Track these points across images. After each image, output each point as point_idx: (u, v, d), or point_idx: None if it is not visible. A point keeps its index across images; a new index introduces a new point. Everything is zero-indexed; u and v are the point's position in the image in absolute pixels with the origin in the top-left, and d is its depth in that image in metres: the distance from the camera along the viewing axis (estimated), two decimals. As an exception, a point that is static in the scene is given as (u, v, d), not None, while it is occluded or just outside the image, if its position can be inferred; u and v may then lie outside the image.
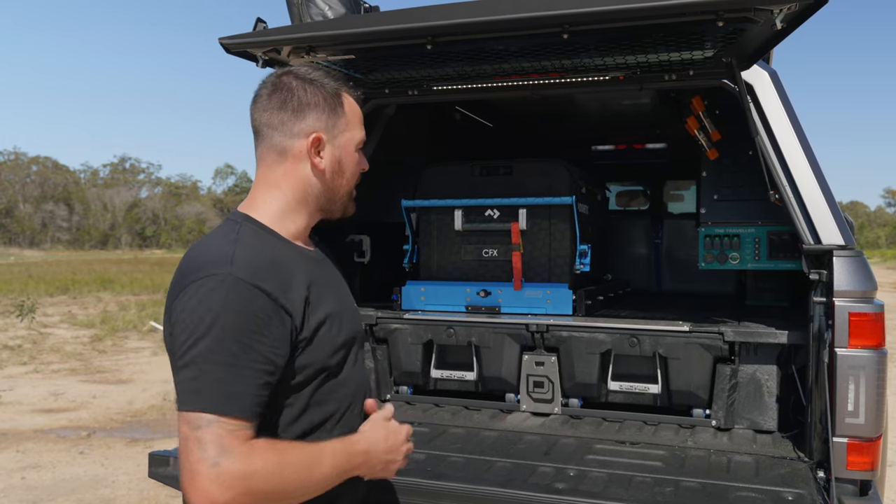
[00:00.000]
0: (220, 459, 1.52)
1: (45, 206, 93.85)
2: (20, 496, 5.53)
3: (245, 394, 1.58)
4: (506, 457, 3.05)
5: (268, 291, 1.65)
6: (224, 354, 1.58)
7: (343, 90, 1.91)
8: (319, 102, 1.85)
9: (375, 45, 2.96)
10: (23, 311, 16.33)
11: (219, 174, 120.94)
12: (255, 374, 1.60)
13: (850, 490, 2.76)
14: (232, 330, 1.59)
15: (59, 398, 8.94)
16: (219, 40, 2.98)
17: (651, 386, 3.51)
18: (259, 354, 1.61)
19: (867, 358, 2.74)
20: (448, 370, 3.83)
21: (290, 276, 1.73)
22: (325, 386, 1.80)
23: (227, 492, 1.51)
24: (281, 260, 1.76)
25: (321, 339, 1.76)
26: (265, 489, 1.56)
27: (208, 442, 1.53)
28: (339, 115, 1.87)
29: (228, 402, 1.56)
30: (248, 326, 1.60)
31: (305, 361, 1.73)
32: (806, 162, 3.01)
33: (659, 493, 2.64)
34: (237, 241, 1.74)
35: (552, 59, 3.13)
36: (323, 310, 1.78)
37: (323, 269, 1.94)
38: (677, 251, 5.62)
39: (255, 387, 1.60)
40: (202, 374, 1.57)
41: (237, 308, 1.61)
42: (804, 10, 2.40)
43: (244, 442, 1.56)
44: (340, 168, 1.90)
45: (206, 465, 1.51)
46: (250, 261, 1.68)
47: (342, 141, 1.89)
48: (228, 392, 1.57)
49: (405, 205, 4.07)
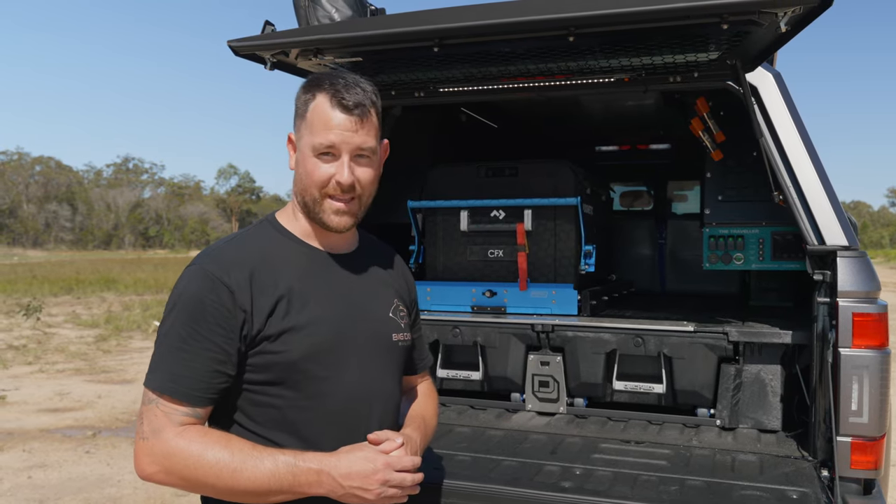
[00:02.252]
0: (149, 435, 1.67)
1: (48, 207, 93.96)
2: (27, 495, 5.56)
3: (187, 378, 1.68)
4: (512, 455, 3.07)
5: (228, 284, 1.73)
6: (175, 339, 1.70)
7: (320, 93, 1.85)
8: (298, 105, 1.91)
9: (382, 48, 2.98)
10: (28, 311, 16.38)
11: (222, 174, 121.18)
12: (202, 360, 1.69)
13: (853, 489, 2.78)
14: (186, 315, 1.71)
15: (65, 398, 8.98)
16: (227, 43, 3.00)
17: (656, 385, 3.53)
18: (210, 343, 1.69)
19: (870, 358, 2.76)
20: (454, 370, 3.85)
21: (272, 277, 1.80)
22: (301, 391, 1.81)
23: (150, 466, 1.67)
24: (272, 260, 1.83)
25: (291, 342, 1.78)
26: (183, 473, 1.66)
27: (145, 417, 1.69)
28: (303, 118, 1.88)
29: (170, 383, 1.68)
30: (203, 314, 1.70)
31: (271, 361, 1.78)
32: (810, 163, 3.02)
33: (664, 492, 2.66)
34: (233, 239, 1.88)
35: (558, 61, 3.15)
36: (305, 313, 1.81)
37: (336, 271, 1.95)
38: (681, 251, 5.64)
39: (200, 372, 1.69)
40: (157, 354, 1.72)
41: (194, 296, 1.72)
42: (808, 13, 2.41)
43: (176, 424, 1.67)
44: (299, 170, 1.90)
45: (141, 438, 1.69)
46: (228, 257, 1.79)
47: (301, 144, 1.90)
48: (172, 373, 1.69)
49: (411, 205, 4.09)
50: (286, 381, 1.80)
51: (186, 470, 1.65)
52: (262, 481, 1.66)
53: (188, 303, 1.72)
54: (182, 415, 1.68)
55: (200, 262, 1.78)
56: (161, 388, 1.68)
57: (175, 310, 1.73)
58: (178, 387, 1.68)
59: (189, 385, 1.68)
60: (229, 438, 1.71)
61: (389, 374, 2.02)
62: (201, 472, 1.65)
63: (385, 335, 2.01)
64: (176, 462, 1.65)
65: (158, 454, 1.65)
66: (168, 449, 1.65)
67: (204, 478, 1.65)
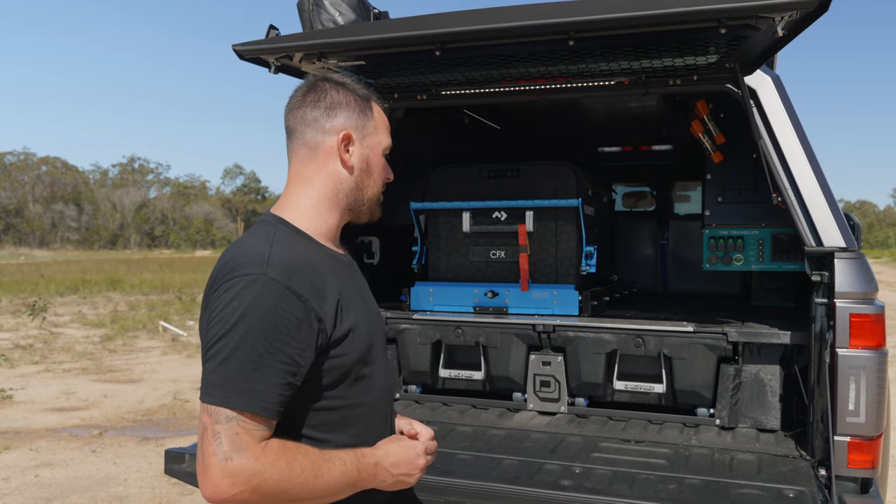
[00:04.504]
0: (233, 455, 1.58)
1: (54, 207, 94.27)
2: (34, 494, 5.61)
3: (266, 392, 1.62)
4: (513, 454, 3.10)
5: (299, 294, 1.69)
6: (250, 352, 1.62)
7: (372, 97, 1.99)
8: (350, 103, 1.92)
9: (386, 52, 3.02)
10: (34, 311, 16.45)
11: (227, 174, 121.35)
12: (278, 374, 1.64)
13: (851, 488, 2.81)
14: (260, 329, 1.63)
15: (71, 397, 9.03)
16: (232, 47, 3.04)
17: (656, 385, 3.56)
18: (285, 355, 1.65)
19: (868, 358, 2.78)
20: (456, 370, 3.89)
21: (323, 281, 1.77)
22: (353, 389, 1.85)
23: (233, 487, 1.57)
24: (315, 264, 1.80)
25: (350, 344, 1.81)
26: (271, 489, 1.61)
27: (224, 437, 1.58)
28: (369, 117, 1.95)
29: (249, 399, 1.61)
30: (277, 327, 1.64)
31: (334, 365, 1.78)
32: (808, 165, 3.05)
33: (662, 490, 2.69)
34: (273, 242, 1.78)
35: (558, 64, 3.18)
36: (353, 315, 1.83)
37: (351, 273, 1.99)
38: (683, 252, 5.66)
39: (277, 386, 1.64)
40: (227, 368, 1.62)
41: (267, 308, 1.65)
42: (805, 18, 2.44)
43: (258, 441, 1.61)
44: (368, 167, 1.95)
45: (219, 458, 1.57)
46: (285, 263, 1.73)
47: (371, 142, 1.95)
48: (250, 390, 1.61)
49: (414, 207, 4.12)
50: (342, 384, 1.82)
51: (275, 486, 1.61)
52: (337, 482, 1.70)
53: (262, 315, 1.65)
54: (262, 430, 1.64)
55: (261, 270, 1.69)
56: (238, 404, 1.60)
57: (243, 322, 1.63)
58: (258, 402, 1.62)
59: (268, 400, 1.63)
60: (301, 447, 1.71)
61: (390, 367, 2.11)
62: (289, 485, 1.63)
63: (384, 331, 2.14)
64: (265, 479, 1.60)
65: (245, 473, 1.59)
66: (255, 468, 1.59)
67: (291, 489, 1.64)
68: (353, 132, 1.92)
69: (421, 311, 3.99)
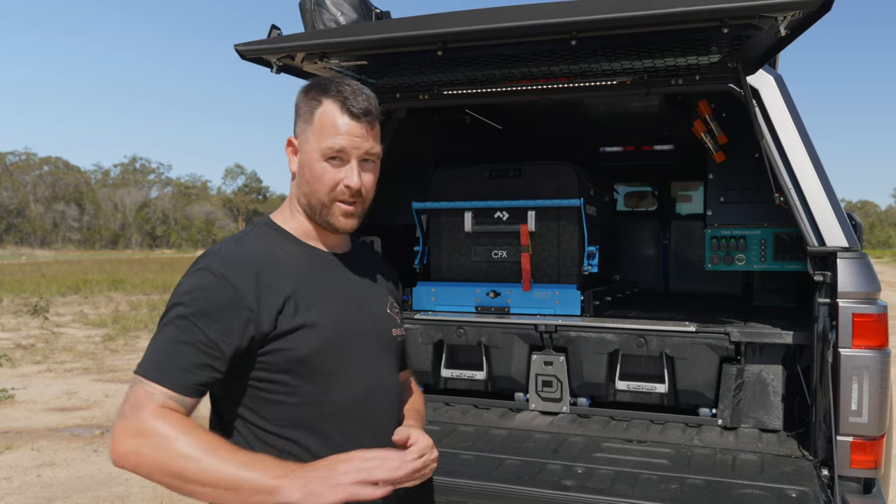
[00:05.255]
0: (128, 413, 1.66)
1: (56, 207, 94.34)
2: (36, 493, 5.61)
3: (178, 369, 1.70)
4: (515, 454, 3.10)
5: (233, 284, 1.77)
6: (172, 330, 1.73)
7: (327, 98, 1.89)
8: (300, 109, 1.95)
9: (387, 52, 3.02)
10: (35, 311, 16.47)
11: (229, 174, 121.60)
12: (193, 353, 1.71)
13: (853, 488, 2.80)
14: (187, 311, 1.74)
15: (73, 397, 9.04)
16: (234, 47, 3.04)
17: (658, 385, 3.55)
18: (205, 337, 1.72)
19: (870, 358, 2.78)
20: (458, 369, 3.89)
21: (275, 277, 1.83)
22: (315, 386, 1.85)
23: (122, 444, 1.63)
24: (276, 261, 1.87)
25: (301, 339, 1.82)
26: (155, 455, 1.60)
27: (129, 398, 1.69)
28: (309, 122, 1.92)
29: (158, 370, 1.70)
30: (202, 309, 1.73)
31: (280, 358, 1.81)
32: (810, 165, 3.05)
33: (665, 490, 2.69)
34: (234, 240, 1.90)
35: (560, 64, 3.18)
36: (313, 312, 1.85)
37: (336, 270, 2.00)
38: (685, 252, 5.66)
39: (191, 364, 1.71)
40: (153, 345, 1.75)
41: (196, 294, 1.75)
42: (808, 17, 2.44)
43: (158, 407, 1.66)
44: (303, 174, 1.93)
45: (119, 416, 1.68)
46: (231, 256, 1.83)
47: (306, 147, 1.93)
48: (163, 363, 1.71)
49: (416, 207, 4.12)
50: (298, 378, 1.83)
51: (157, 452, 1.59)
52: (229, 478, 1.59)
53: (191, 299, 1.74)
54: (165, 397, 1.66)
55: (205, 262, 1.81)
56: (148, 372, 1.69)
57: (176, 306, 1.75)
58: (165, 372, 1.68)
59: (180, 376, 1.69)
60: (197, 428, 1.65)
61: (391, 368, 2.09)
62: (171, 455, 1.59)
63: (385, 331, 2.09)
64: (148, 441, 1.60)
65: (134, 431, 1.61)
66: (144, 427, 1.61)
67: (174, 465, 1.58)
68: (295, 138, 1.97)
69: (423, 311, 3.98)
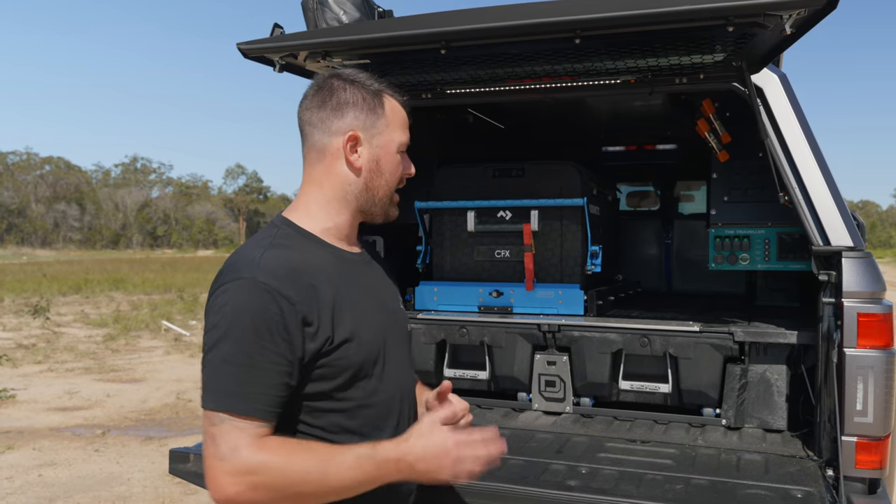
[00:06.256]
0: (228, 455, 1.60)
1: (57, 206, 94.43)
2: (38, 493, 5.61)
3: (258, 394, 1.64)
4: (518, 454, 3.09)
5: (288, 296, 1.68)
6: (240, 355, 1.63)
7: (385, 92, 1.95)
8: (358, 102, 1.90)
9: (390, 50, 3.01)
10: (36, 311, 16.47)
11: (229, 174, 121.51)
12: (270, 375, 1.65)
13: (858, 488, 2.79)
14: (251, 332, 1.64)
15: (74, 397, 9.04)
16: (237, 45, 3.03)
17: (662, 385, 3.54)
18: (276, 355, 1.65)
19: (875, 358, 2.77)
20: (461, 369, 3.88)
21: (316, 283, 1.75)
22: (359, 390, 1.82)
23: (233, 486, 1.59)
24: (310, 265, 1.78)
25: (349, 349, 1.78)
26: (272, 484, 1.60)
27: (220, 438, 1.61)
28: (379, 115, 1.92)
29: (241, 401, 1.62)
30: (267, 328, 1.65)
31: (331, 372, 1.76)
32: (815, 164, 3.04)
33: (669, 491, 2.68)
34: (268, 247, 1.78)
35: (564, 63, 3.17)
36: (353, 318, 1.80)
37: (361, 271, 1.97)
38: (688, 252, 5.64)
39: (269, 387, 1.65)
40: (220, 373, 1.65)
41: (255, 311, 1.65)
42: (814, 15, 2.42)
43: (254, 439, 1.62)
44: (378, 168, 1.93)
45: (217, 459, 1.60)
46: (275, 266, 1.72)
47: (381, 141, 1.93)
48: (242, 392, 1.63)
49: (418, 206, 4.11)
50: (347, 387, 1.80)
51: (275, 481, 1.61)
52: (350, 478, 1.65)
53: (251, 318, 1.65)
54: (257, 429, 1.63)
55: (251, 274, 1.69)
56: (231, 407, 1.62)
57: (234, 327, 1.65)
58: (251, 405, 1.63)
59: (261, 401, 1.64)
60: (305, 443, 1.69)
61: (410, 361, 2.10)
62: (291, 480, 1.62)
63: (403, 327, 2.08)
64: (264, 475, 1.60)
65: (242, 471, 1.60)
66: (251, 465, 1.60)
67: (294, 485, 1.62)
68: (360, 132, 1.90)
69: (425, 311, 3.97)
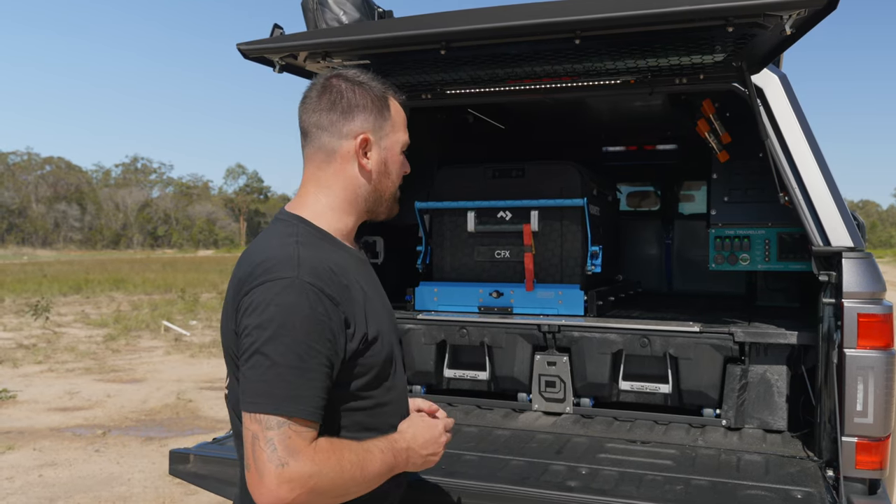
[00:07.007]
0: (289, 460, 1.58)
1: (57, 206, 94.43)
2: (38, 493, 5.61)
3: (311, 396, 1.63)
4: (519, 455, 3.09)
5: (331, 296, 1.69)
6: (293, 358, 1.61)
7: (389, 93, 1.96)
8: (367, 104, 1.89)
9: (390, 51, 3.01)
10: (37, 311, 16.47)
11: (230, 174, 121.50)
12: (319, 377, 1.65)
13: (858, 489, 2.79)
14: (301, 333, 1.63)
15: (74, 397, 9.03)
16: (237, 46, 3.04)
17: (662, 386, 3.54)
18: (324, 357, 1.65)
19: (876, 358, 2.77)
20: (461, 370, 3.88)
21: (348, 282, 1.77)
22: (380, 389, 1.85)
23: (293, 492, 1.57)
24: (339, 266, 1.79)
25: (379, 345, 1.81)
26: (326, 487, 1.63)
27: (278, 443, 1.58)
28: (386, 117, 1.92)
29: (296, 404, 1.61)
30: (315, 330, 1.64)
31: (363, 370, 1.78)
32: (815, 164, 3.04)
33: (669, 491, 2.68)
34: (299, 244, 1.76)
35: (564, 63, 3.17)
36: (375, 314, 1.84)
37: (368, 271, 1.99)
38: (688, 252, 5.64)
39: (319, 389, 1.65)
40: (272, 375, 1.61)
41: (305, 312, 1.64)
42: (813, 16, 2.43)
43: (309, 443, 1.62)
44: (386, 169, 1.95)
45: (275, 465, 1.57)
46: (315, 265, 1.72)
47: (388, 143, 1.94)
48: (297, 395, 1.61)
49: (418, 206, 4.11)
50: (371, 386, 1.82)
51: (330, 483, 1.63)
52: (379, 470, 1.74)
53: (301, 319, 1.64)
54: (311, 432, 1.64)
55: (294, 273, 1.68)
56: (287, 410, 1.60)
57: (284, 327, 1.63)
58: (306, 407, 1.62)
59: (314, 403, 1.64)
60: (344, 442, 1.73)
61: None
62: (342, 480, 1.65)
63: (396, 323, 2.11)
64: (321, 479, 1.61)
65: (304, 476, 1.59)
66: (313, 469, 1.60)
67: (344, 485, 1.66)
68: (370, 135, 1.90)
69: (425, 311, 3.98)
